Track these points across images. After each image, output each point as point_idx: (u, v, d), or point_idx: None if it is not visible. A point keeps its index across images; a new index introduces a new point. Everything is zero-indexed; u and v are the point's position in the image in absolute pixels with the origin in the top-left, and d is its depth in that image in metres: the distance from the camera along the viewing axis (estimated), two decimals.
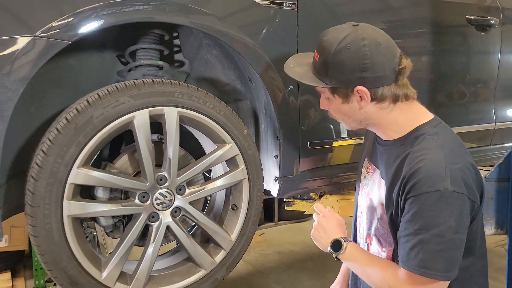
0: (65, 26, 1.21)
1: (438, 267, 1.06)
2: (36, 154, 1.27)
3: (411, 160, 1.11)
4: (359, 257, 1.21)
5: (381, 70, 1.12)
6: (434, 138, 1.13)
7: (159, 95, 1.37)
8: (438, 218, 1.05)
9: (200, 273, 1.52)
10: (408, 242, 1.09)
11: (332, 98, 1.20)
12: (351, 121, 1.22)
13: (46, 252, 1.26)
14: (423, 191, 1.06)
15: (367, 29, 1.14)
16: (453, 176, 1.05)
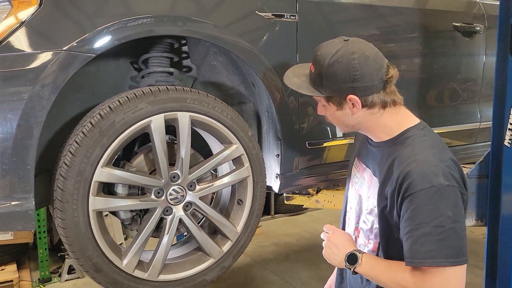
0: (90, 42, 1.35)
1: (444, 254, 1.10)
2: (64, 154, 1.41)
3: (403, 160, 1.21)
4: (375, 266, 1.24)
5: (369, 80, 1.24)
6: (423, 140, 1.25)
7: (173, 101, 1.51)
8: (436, 211, 1.12)
9: (209, 261, 1.67)
10: (410, 238, 1.14)
11: (327, 106, 1.32)
12: (344, 125, 1.34)
13: (73, 242, 1.41)
14: (420, 188, 1.13)
15: (357, 44, 1.27)
16: (444, 172, 1.15)
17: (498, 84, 1.63)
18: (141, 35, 1.44)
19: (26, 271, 3.83)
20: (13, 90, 1.27)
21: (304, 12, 1.78)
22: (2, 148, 1.28)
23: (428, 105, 2.31)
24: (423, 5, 2.21)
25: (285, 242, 4.35)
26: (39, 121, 1.31)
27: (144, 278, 1.54)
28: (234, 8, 1.64)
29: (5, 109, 1.26)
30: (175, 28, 1.50)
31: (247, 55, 1.66)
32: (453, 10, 2.34)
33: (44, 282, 3.64)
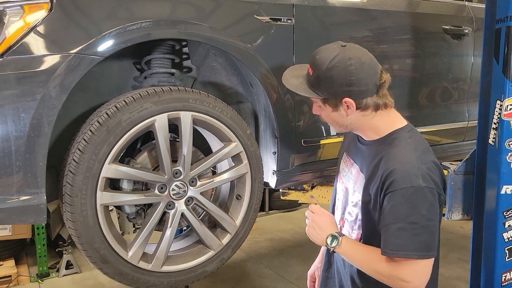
0: (98, 45, 1.42)
1: (415, 248, 1.21)
2: (72, 152, 1.48)
3: (388, 160, 1.31)
4: (354, 249, 1.35)
5: (364, 84, 1.32)
6: (408, 142, 1.34)
7: (176, 101, 1.59)
8: (412, 209, 1.22)
9: (209, 254, 1.75)
10: (388, 231, 1.25)
11: (323, 107, 1.40)
12: (338, 125, 1.43)
13: (82, 235, 1.49)
14: (400, 187, 1.23)
15: (353, 50, 1.35)
16: (423, 174, 1.25)
17: (483, 86, 1.72)
18: (147, 38, 1.51)
19: (24, 267, 3.87)
20: (26, 91, 1.34)
21: (300, 16, 1.85)
22: (16, 146, 1.35)
23: (420, 105, 2.41)
24: (414, 9, 2.30)
25: (280, 237, 4.43)
26: (51, 120, 1.38)
27: (148, 269, 1.62)
28: (234, 13, 1.71)
29: (19, 108, 1.33)
30: (178, 32, 1.57)
31: (245, 56, 1.74)
32: (442, 14, 2.42)
33: (42, 277, 3.68)
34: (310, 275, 1.84)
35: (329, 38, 1.98)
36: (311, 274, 1.84)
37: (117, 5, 1.48)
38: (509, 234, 1.67)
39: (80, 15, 1.43)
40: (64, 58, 1.37)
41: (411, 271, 1.24)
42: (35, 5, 1.37)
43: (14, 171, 1.35)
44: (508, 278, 1.68)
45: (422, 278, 1.26)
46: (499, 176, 1.64)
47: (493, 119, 1.65)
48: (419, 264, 1.24)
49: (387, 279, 1.28)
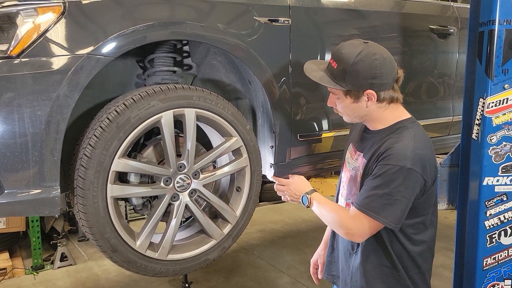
0: (109, 46, 1.50)
1: (380, 213, 1.40)
2: (83, 147, 1.55)
3: (389, 142, 1.46)
4: (321, 203, 1.58)
5: (386, 78, 1.46)
6: (409, 131, 1.48)
7: (181, 98, 1.67)
8: (392, 183, 1.39)
9: (211, 243, 1.85)
10: (366, 192, 1.44)
11: (343, 98, 1.52)
12: (354, 116, 1.55)
13: (93, 225, 1.57)
14: (389, 163, 1.40)
15: (376, 47, 1.49)
16: (414, 158, 1.40)
17: (467, 85, 1.84)
18: (156, 38, 1.58)
19: (19, 259, 3.91)
20: (42, 90, 1.40)
21: (297, 17, 1.94)
22: (32, 142, 1.42)
23: (407, 100, 2.50)
24: (402, 9, 2.40)
25: (270, 228, 4.52)
26: (65, 117, 1.45)
27: (155, 257, 1.71)
28: (235, 14, 1.80)
29: (35, 107, 1.40)
30: (187, 32, 1.65)
31: (245, 55, 1.82)
32: (429, 14, 2.54)
33: (37, 269, 3.72)
34: (313, 262, 1.96)
35: (323, 37, 2.08)
36: (314, 261, 1.95)
37: (128, 7, 1.55)
38: (490, 222, 1.78)
39: (91, 17, 1.49)
40: (77, 59, 1.44)
41: (362, 225, 1.44)
42: (48, 8, 1.43)
43: (31, 165, 1.42)
44: (489, 262, 1.81)
45: (363, 235, 1.47)
46: (482, 168, 1.74)
47: (476, 116, 1.76)
48: (372, 224, 1.43)
49: (338, 226, 1.52)
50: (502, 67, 1.66)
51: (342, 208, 1.58)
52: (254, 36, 1.84)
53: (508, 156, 1.72)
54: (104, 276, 3.56)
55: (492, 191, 1.75)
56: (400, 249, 1.52)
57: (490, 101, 1.69)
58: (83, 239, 4.25)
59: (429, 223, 1.56)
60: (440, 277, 3.19)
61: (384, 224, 1.43)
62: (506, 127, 1.70)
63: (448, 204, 2.01)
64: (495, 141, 1.72)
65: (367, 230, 1.45)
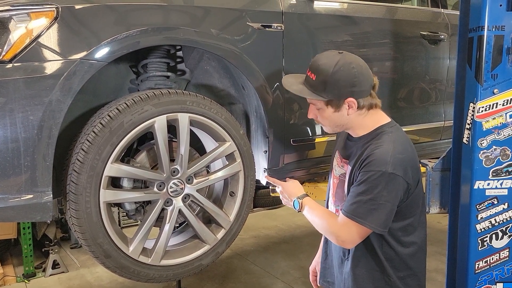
0: (102, 51, 1.50)
1: (366, 218, 1.42)
2: (76, 152, 1.55)
3: (369, 149, 1.48)
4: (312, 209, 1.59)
5: (364, 85, 1.49)
6: (389, 135, 1.51)
7: (175, 103, 1.67)
8: (375, 188, 1.41)
9: (205, 248, 1.85)
10: (351, 199, 1.46)
11: (324, 108, 1.53)
12: (335, 125, 1.57)
13: (86, 231, 1.56)
14: (371, 169, 1.42)
15: (351, 56, 1.51)
16: (395, 162, 1.42)
17: (458, 90, 1.86)
18: (150, 43, 1.59)
19: (10, 267, 3.85)
20: (34, 95, 1.40)
21: (289, 22, 1.96)
22: (24, 146, 1.41)
23: (399, 106, 2.55)
24: (393, 15, 2.43)
25: (264, 234, 4.50)
26: (58, 122, 1.45)
27: (148, 263, 1.70)
28: (228, 20, 1.81)
29: (28, 111, 1.40)
30: (180, 37, 1.67)
31: (238, 61, 1.84)
32: (420, 20, 2.57)
33: (29, 277, 3.67)
34: (312, 270, 1.96)
35: (315, 43, 2.10)
36: (312, 269, 1.96)
37: (121, 12, 1.55)
38: (481, 225, 1.80)
39: (84, 22, 1.50)
40: (70, 64, 1.44)
41: (351, 232, 1.47)
42: (41, 13, 1.43)
43: (23, 171, 1.42)
44: (481, 266, 1.82)
45: (354, 241, 1.50)
46: (472, 172, 1.76)
47: (467, 120, 1.78)
48: (360, 230, 1.46)
49: (328, 233, 1.54)
50: (491, 72, 1.68)
51: (331, 215, 1.59)
52: (247, 41, 1.85)
53: (498, 160, 1.74)
54: (97, 284, 3.53)
55: (483, 194, 1.76)
56: (390, 252, 1.54)
57: (480, 105, 1.71)
58: (76, 246, 4.21)
59: (417, 224, 1.58)
60: (434, 281, 3.20)
61: (371, 229, 1.45)
62: (496, 131, 1.72)
63: (440, 208, 2.02)
64: (486, 145, 1.74)
65: (356, 236, 1.47)
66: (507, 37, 1.65)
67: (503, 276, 1.82)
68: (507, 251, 1.80)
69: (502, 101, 1.70)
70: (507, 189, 1.76)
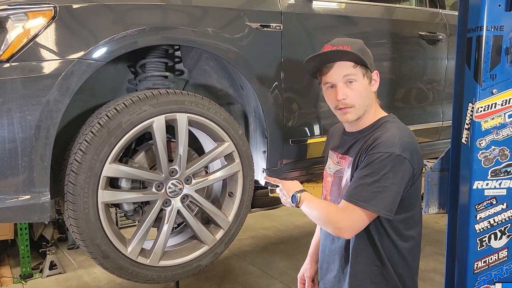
0: (100, 51, 1.49)
1: (370, 201, 1.36)
2: (74, 152, 1.54)
3: (375, 135, 1.46)
4: (310, 201, 1.54)
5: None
6: (393, 124, 1.51)
7: (173, 103, 1.66)
8: (381, 170, 1.37)
9: (203, 248, 1.84)
10: (354, 183, 1.41)
11: (360, 80, 1.49)
12: (366, 104, 1.51)
13: (84, 232, 1.55)
14: (378, 151, 1.39)
15: None
16: (403, 145, 1.41)
17: (456, 90, 1.86)
18: (148, 43, 1.58)
19: (7, 268, 3.85)
20: (32, 94, 1.40)
21: (288, 22, 1.96)
22: (22, 146, 1.40)
23: (397, 106, 2.55)
24: (392, 16, 2.43)
25: (262, 235, 4.50)
26: (55, 122, 1.44)
27: (146, 263, 1.69)
28: (227, 19, 1.81)
29: (25, 111, 1.39)
30: (179, 37, 1.66)
31: (237, 60, 1.83)
32: (418, 20, 2.57)
33: (26, 278, 3.66)
34: (300, 278, 1.95)
35: (314, 42, 2.10)
36: (300, 276, 1.95)
37: (119, 12, 1.55)
38: (480, 225, 1.79)
39: (82, 22, 1.49)
40: (67, 63, 1.44)
41: (350, 218, 1.40)
42: (39, 12, 1.43)
43: (20, 171, 1.41)
44: (480, 266, 1.81)
45: (353, 228, 1.42)
46: (471, 172, 1.75)
47: (466, 120, 1.77)
48: (361, 215, 1.39)
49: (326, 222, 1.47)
50: (490, 72, 1.68)
51: (330, 204, 1.55)
52: (246, 41, 1.85)
53: (497, 160, 1.74)
54: (94, 284, 3.52)
55: (482, 194, 1.76)
56: (390, 246, 1.52)
57: (479, 105, 1.70)
58: (73, 247, 4.20)
59: (417, 218, 1.58)
60: (432, 281, 3.20)
61: (375, 212, 1.39)
62: (494, 131, 1.72)
63: (438, 208, 2.02)
64: (484, 145, 1.74)
65: (356, 222, 1.41)
66: (506, 37, 1.65)
67: (502, 276, 1.82)
68: (506, 251, 1.80)
69: (501, 101, 1.70)
70: (506, 189, 1.75)
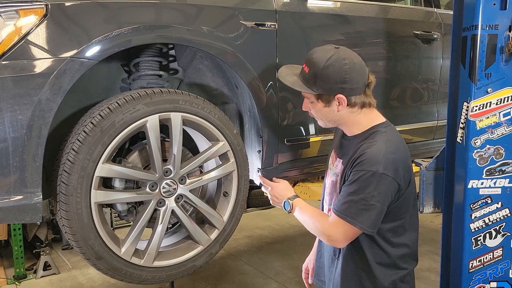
0: (93, 49, 1.47)
1: (357, 218, 1.42)
2: (66, 152, 1.52)
3: (362, 148, 1.48)
4: (302, 209, 1.59)
5: (356, 83, 1.47)
6: (382, 135, 1.50)
7: (167, 102, 1.65)
8: (366, 188, 1.41)
9: (198, 249, 1.83)
10: (343, 198, 1.46)
11: (315, 102, 1.53)
12: (327, 120, 1.57)
13: (77, 232, 1.53)
14: (362, 169, 1.42)
15: (346, 52, 1.50)
16: (386, 162, 1.42)
17: (451, 89, 1.86)
18: (142, 42, 1.57)
19: (0, 269, 3.80)
20: (23, 94, 1.38)
21: (283, 21, 1.94)
22: (13, 146, 1.38)
23: (392, 105, 2.54)
24: (387, 15, 2.43)
25: (258, 234, 4.50)
26: (47, 121, 1.42)
27: (140, 264, 1.68)
28: (222, 18, 1.79)
29: (16, 111, 1.37)
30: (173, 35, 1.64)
31: (231, 59, 1.82)
32: (413, 20, 2.57)
33: (20, 279, 3.63)
34: (305, 268, 1.96)
35: (309, 41, 2.09)
36: (305, 267, 1.96)
37: (112, 10, 1.53)
38: (475, 224, 1.80)
39: (74, 20, 1.47)
40: (59, 62, 1.42)
41: (341, 231, 1.47)
42: (30, 10, 1.41)
43: (11, 171, 1.39)
44: (475, 265, 1.82)
45: (345, 240, 1.50)
46: (466, 171, 1.76)
47: (461, 119, 1.78)
48: (351, 229, 1.45)
49: (319, 233, 1.53)
50: (485, 71, 1.68)
51: (322, 215, 1.59)
52: (240, 40, 1.84)
53: (492, 159, 1.74)
54: (89, 285, 3.50)
55: (477, 193, 1.77)
56: (380, 253, 1.54)
57: (474, 104, 1.71)
58: (67, 247, 4.17)
59: (408, 225, 1.57)
60: (426, 280, 3.21)
61: (361, 230, 1.45)
62: (489, 130, 1.72)
63: (434, 207, 2.02)
64: (479, 144, 1.74)
65: (346, 235, 1.48)
66: (500, 36, 1.65)
67: (497, 275, 1.82)
68: (501, 250, 1.81)
69: (496, 100, 1.70)
70: (500, 188, 1.76)
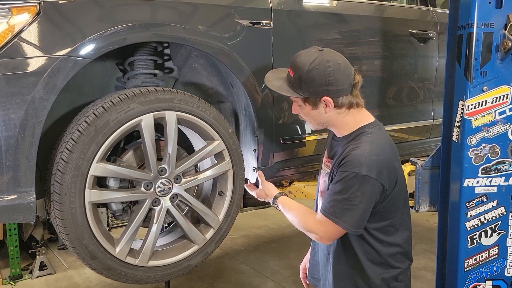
0: (86, 47, 1.46)
1: (341, 217, 1.44)
2: (60, 151, 1.51)
3: (347, 149, 1.49)
4: (288, 206, 1.63)
5: (341, 84, 1.47)
6: (368, 136, 1.50)
7: (162, 101, 1.64)
8: (350, 189, 1.43)
9: (193, 248, 1.82)
10: (328, 197, 1.48)
11: (303, 106, 1.54)
12: (316, 123, 1.57)
13: (71, 232, 1.52)
14: (346, 170, 1.44)
15: (330, 53, 1.49)
16: (370, 164, 1.42)
17: (447, 87, 1.86)
18: (137, 40, 1.56)
19: None
20: (16, 92, 1.36)
21: (278, 20, 1.94)
22: (6, 145, 1.37)
23: (388, 104, 2.54)
24: (383, 14, 2.43)
25: (255, 234, 4.50)
26: (41, 120, 1.41)
27: (135, 264, 1.67)
28: (217, 17, 1.79)
29: (9, 109, 1.36)
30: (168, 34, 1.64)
31: (227, 58, 1.81)
32: (409, 18, 2.57)
33: (15, 279, 3.62)
34: (302, 267, 1.96)
35: (305, 40, 2.08)
36: (303, 266, 1.96)
37: (107, 8, 1.52)
38: (471, 223, 1.80)
39: (68, 17, 1.46)
40: (53, 60, 1.41)
41: (326, 229, 1.50)
42: (23, 8, 1.39)
43: (4, 170, 1.38)
44: (471, 263, 1.82)
45: (330, 238, 1.53)
46: (462, 170, 1.76)
47: (456, 118, 1.78)
48: (335, 228, 1.47)
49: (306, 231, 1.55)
50: (480, 69, 1.68)
51: (310, 213, 1.59)
52: (236, 39, 1.83)
53: (487, 157, 1.74)
54: (85, 285, 3.49)
55: (473, 192, 1.77)
56: (371, 251, 1.54)
57: (470, 103, 1.71)
58: (63, 247, 4.15)
59: (399, 225, 1.57)
60: (422, 279, 3.21)
61: (344, 229, 1.46)
62: (485, 129, 1.73)
63: (429, 206, 2.02)
64: (475, 143, 1.74)
65: (332, 233, 1.50)
66: (496, 34, 1.65)
67: (492, 273, 1.82)
68: (496, 248, 1.81)
69: (491, 98, 1.70)
70: (496, 186, 1.76)
